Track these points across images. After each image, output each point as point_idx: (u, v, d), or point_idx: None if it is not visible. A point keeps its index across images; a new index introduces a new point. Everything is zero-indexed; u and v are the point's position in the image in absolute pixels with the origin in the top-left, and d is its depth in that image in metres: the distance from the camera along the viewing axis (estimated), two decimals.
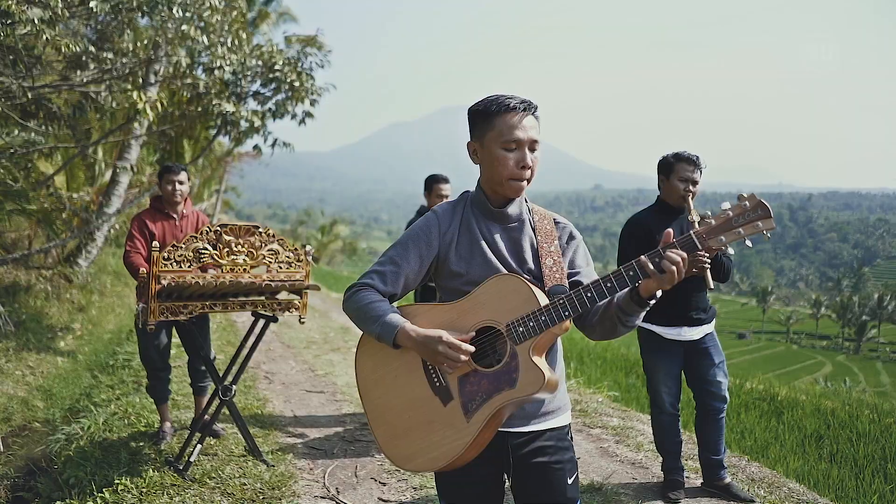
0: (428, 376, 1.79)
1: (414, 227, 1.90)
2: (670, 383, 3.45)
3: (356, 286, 1.87)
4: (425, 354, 1.75)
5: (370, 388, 1.88)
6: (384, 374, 1.85)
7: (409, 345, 1.75)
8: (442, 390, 1.77)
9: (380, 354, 1.85)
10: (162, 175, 4.23)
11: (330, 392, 5.70)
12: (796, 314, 78.98)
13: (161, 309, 3.55)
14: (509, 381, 1.69)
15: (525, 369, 1.68)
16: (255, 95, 8.88)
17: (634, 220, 3.49)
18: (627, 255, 3.32)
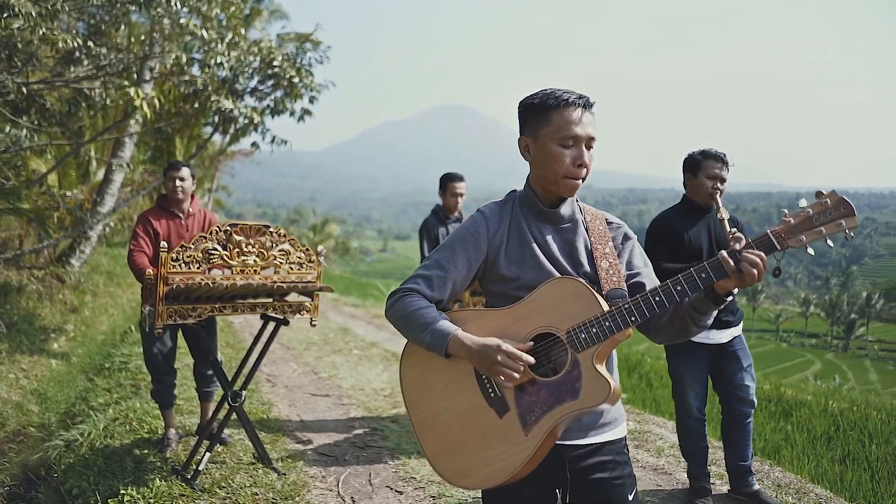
0: (481, 386, 1.67)
1: (460, 229, 1.78)
2: (698, 387, 3.34)
3: (401, 292, 1.75)
4: (480, 364, 1.63)
5: (417, 400, 1.75)
6: (432, 384, 1.73)
7: (463, 354, 1.63)
8: (497, 401, 1.65)
9: (427, 364, 1.73)
10: (166, 173, 4.09)
11: (336, 395, 5.56)
12: (785, 312, 79.53)
13: (169, 312, 3.40)
14: (571, 392, 1.57)
15: (589, 379, 1.56)
16: (252, 92, 8.72)
17: (660, 219, 3.38)
18: (655, 255, 3.20)
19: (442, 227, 4.87)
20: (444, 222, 4.90)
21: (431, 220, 4.89)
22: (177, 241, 4.07)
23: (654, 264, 3.21)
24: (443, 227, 4.87)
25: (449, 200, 4.86)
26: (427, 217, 4.94)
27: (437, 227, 4.86)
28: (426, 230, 4.84)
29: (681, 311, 1.64)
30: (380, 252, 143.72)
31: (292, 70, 8.31)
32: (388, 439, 4.36)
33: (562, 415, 1.57)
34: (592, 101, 1.70)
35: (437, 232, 4.84)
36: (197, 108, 8.48)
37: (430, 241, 4.81)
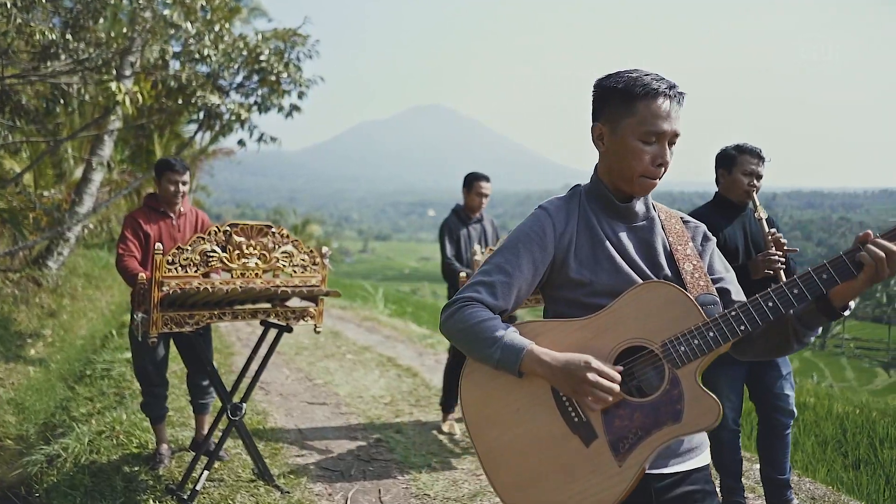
0: (562, 409, 1.44)
1: (523, 228, 1.56)
2: (734, 397, 3.15)
3: (459, 302, 1.52)
4: (564, 385, 1.40)
5: (483, 427, 1.50)
6: (501, 407, 1.48)
7: (541, 372, 1.41)
8: (582, 427, 1.42)
9: (493, 383, 1.49)
10: (161, 173, 3.80)
11: (333, 404, 5.30)
12: None
13: (164, 319, 3.14)
14: (672, 414, 1.36)
15: (693, 398, 1.35)
16: (238, 87, 8.41)
17: (693, 216, 3.18)
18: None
19: (464, 228, 4.68)
20: (467, 223, 4.70)
21: (453, 220, 4.69)
22: (168, 243, 3.80)
23: None
24: (465, 228, 4.68)
25: (473, 200, 4.67)
26: (447, 217, 4.73)
27: (458, 227, 4.66)
28: (448, 231, 4.64)
29: (782, 324, 1.43)
30: (360, 253, 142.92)
31: (280, 65, 8.02)
32: (395, 451, 4.13)
33: (661, 441, 1.36)
34: (683, 91, 1.50)
35: (458, 233, 4.65)
36: (181, 104, 8.15)
37: (452, 242, 4.60)
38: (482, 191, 4.68)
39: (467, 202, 4.72)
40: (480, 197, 4.68)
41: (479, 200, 4.68)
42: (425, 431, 4.56)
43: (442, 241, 4.63)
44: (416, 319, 12.27)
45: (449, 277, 4.60)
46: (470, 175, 4.76)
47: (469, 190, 4.69)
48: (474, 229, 4.73)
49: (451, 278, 4.55)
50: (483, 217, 4.81)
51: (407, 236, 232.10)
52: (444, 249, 4.61)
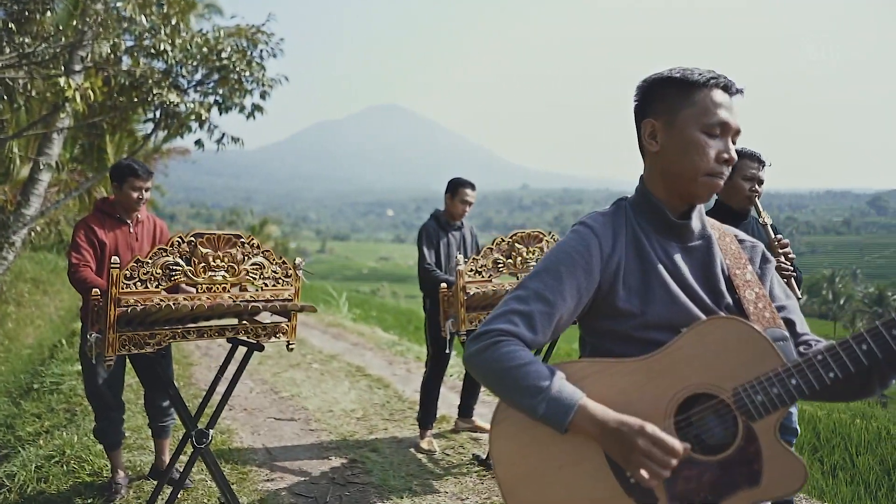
0: (615, 467, 1.22)
1: (565, 249, 1.33)
2: None
3: (491, 335, 1.27)
4: (615, 450, 1.19)
5: (518, 485, 1.26)
6: (540, 463, 1.25)
7: (592, 431, 1.19)
8: (638, 490, 1.21)
9: (530, 434, 1.26)
10: (124, 178, 3.47)
11: (302, 419, 5.03)
12: None
13: (122, 340, 2.84)
14: (749, 476, 1.16)
15: (772, 458, 1.16)
16: (198, 86, 8.03)
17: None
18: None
19: (444, 236, 4.46)
20: (447, 230, 4.49)
21: (432, 226, 4.46)
22: (125, 253, 3.50)
23: None
24: (445, 236, 4.46)
25: (457, 207, 4.46)
26: (427, 222, 4.51)
27: (438, 233, 4.44)
28: (426, 237, 4.41)
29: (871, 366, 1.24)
30: (318, 253, 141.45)
31: (243, 63, 7.68)
32: (372, 473, 3.89)
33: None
34: (742, 88, 1.32)
35: (438, 239, 4.42)
36: (136, 102, 7.73)
37: (431, 248, 4.38)
38: (467, 198, 4.48)
39: (450, 208, 4.51)
40: (464, 204, 4.49)
41: (462, 208, 4.49)
42: (402, 449, 4.33)
43: (420, 248, 4.42)
44: (380, 323, 12.02)
45: (427, 285, 4.39)
46: (455, 181, 4.55)
47: (453, 196, 4.49)
48: (454, 237, 4.53)
49: (430, 286, 4.34)
50: (464, 224, 4.60)
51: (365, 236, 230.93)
52: (422, 256, 4.39)
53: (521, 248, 3.82)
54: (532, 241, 3.87)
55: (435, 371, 4.47)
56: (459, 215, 4.50)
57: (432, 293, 4.40)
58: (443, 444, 4.42)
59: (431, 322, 4.46)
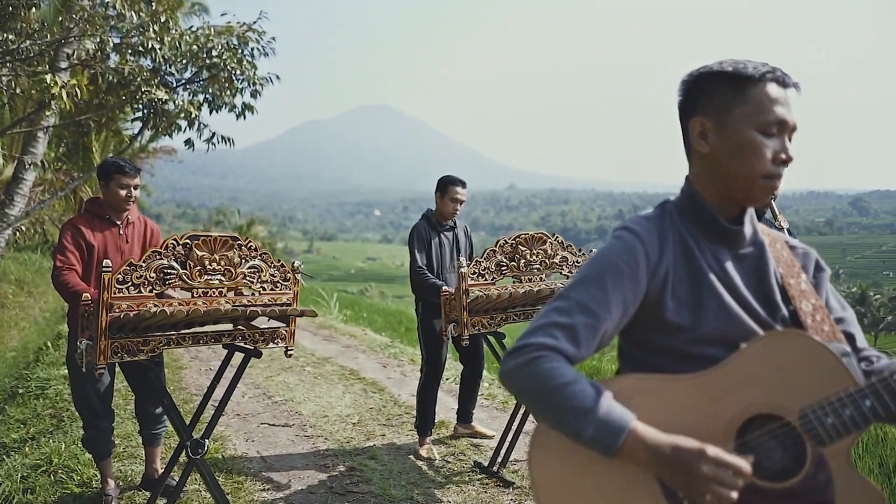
0: (669, 496, 1.12)
1: (609, 256, 1.22)
2: None
3: (531, 349, 1.16)
4: (673, 478, 1.08)
5: None
6: (585, 490, 1.14)
7: (644, 456, 1.08)
8: None
9: (573, 458, 1.15)
10: (110, 176, 3.34)
11: (297, 425, 4.91)
12: None
13: (114, 347, 2.72)
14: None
15: (845, 486, 1.07)
16: (187, 84, 7.88)
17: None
18: None
19: (436, 236, 4.34)
20: (438, 230, 4.36)
21: (423, 227, 4.34)
22: (114, 255, 3.36)
23: None
24: (436, 236, 4.34)
25: (447, 206, 4.33)
26: (418, 223, 4.38)
27: (430, 234, 4.32)
28: (418, 238, 4.29)
29: None
30: (305, 253, 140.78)
31: (233, 61, 7.54)
32: (372, 482, 3.78)
33: None
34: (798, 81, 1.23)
35: (430, 241, 4.30)
36: (124, 100, 7.57)
37: (422, 250, 4.26)
38: (457, 196, 4.35)
39: (440, 208, 4.39)
40: (455, 203, 4.36)
41: (453, 207, 4.36)
42: (401, 456, 4.22)
43: (412, 249, 4.30)
44: (370, 324, 11.90)
45: (419, 289, 4.28)
46: (444, 179, 4.42)
47: (443, 195, 4.36)
48: (446, 237, 4.40)
49: (422, 290, 4.23)
50: (456, 224, 4.48)
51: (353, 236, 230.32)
52: (413, 259, 4.28)
53: (524, 251, 3.73)
54: (535, 243, 3.78)
55: (431, 376, 4.36)
56: (451, 214, 4.38)
57: (424, 296, 4.29)
58: (443, 450, 4.32)
59: (425, 326, 4.35)
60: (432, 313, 4.28)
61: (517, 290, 3.59)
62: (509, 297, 3.55)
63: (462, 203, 4.38)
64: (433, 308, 4.26)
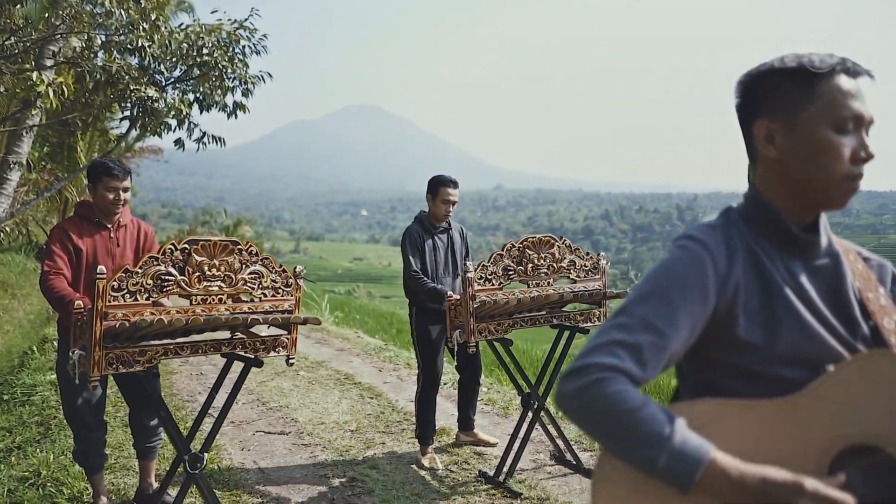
0: None
1: (675, 269, 1.11)
2: None
3: (592, 371, 1.04)
4: None
5: None
6: None
7: (725, 491, 0.97)
8: None
9: (645, 491, 1.03)
10: (98, 178, 3.19)
11: (294, 433, 4.78)
12: None
13: (108, 358, 2.59)
14: None
15: None
16: (177, 82, 7.71)
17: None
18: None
19: (429, 239, 4.21)
20: (432, 232, 4.23)
21: (416, 230, 4.21)
22: (104, 260, 3.22)
23: None
24: (430, 238, 4.21)
25: (439, 208, 4.20)
26: (411, 225, 4.25)
27: (423, 237, 4.19)
28: (410, 242, 4.15)
29: None
30: (291, 253, 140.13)
31: (225, 59, 7.38)
32: (374, 493, 3.66)
33: None
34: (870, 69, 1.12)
35: (423, 244, 4.17)
36: (111, 98, 7.39)
37: (416, 254, 4.13)
38: (449, 197, 4.19)
39: (432, 210, 4.25)
40: (447, 204, 4.21)
41: (445, 208, 4.21)
42: (403, 466, 4.10)
43: (405, 254, 4.15)
44: (361, 326, 11.78)
45: (416, 294, 4.15)
46: (435, 180, 4.26)
47: (434, 196, 4.21)
48: (440, 239, 4.26)
49: (420, 295, 4.11)
50: (451, 225, 4.35)
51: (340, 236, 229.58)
52: (407, 262, 4.12)
53: (531, 255, 3.63)
54: (543, 246, 3.68)
55: (428, 384, 4.23)
56: (443, 216, 4.25)
57: (419, 301, 4.17)
58: (445, 459, 4.21)
59: (419, 331, 4.21)
60: (427, 318, 4.16)
61: (526, 296, 3.49)
62: (518, 302, 3.45)
63: (454, 204, 4.25)
64: (428, 313, 4.13)
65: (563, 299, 3.56)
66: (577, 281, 3.78)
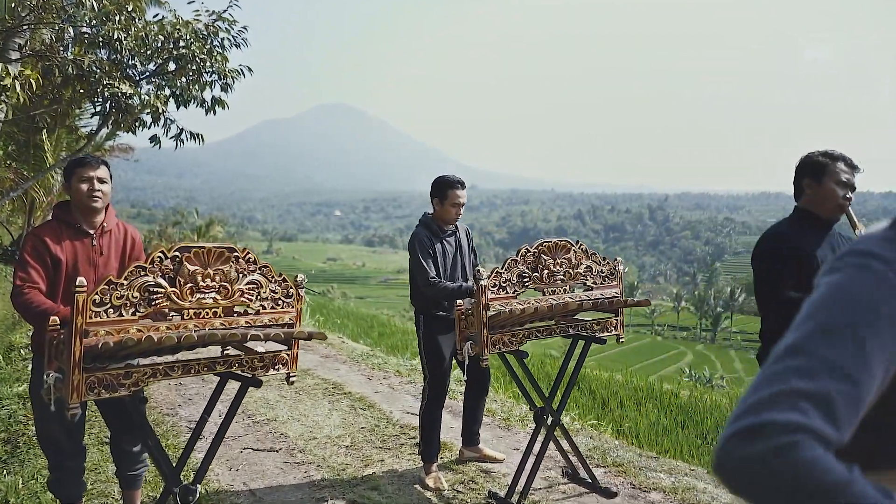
0: None
1: (857, 294, 0.86)
2: None
3: (776, 430, 0.78)
4: None
5: None
6: None
7: None
8: None
9: None
10: (72, 171, 2.88)
11: (284, 449, 4.48)
12: (659, 307, 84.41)
13: (90, 381, 2.28)
14: None
15: None
16: (152, 77, 7.34)
17: (779, 235, 2.64)
18: (781, 282, 2.47)
19: (438, 243, 3.93)
20: (441, 236, 3.96)
21: (424, 234, 3.92)
22: (86, 269, 2.89)
23: (776, 294, 2.48)
24: (439, 242, 3.94)
25: (448, 211, 3.92)
26: (417, 230, 3.96)
27: (432, 242, 3.91)
28: (421, 247, 3.85)
29: None
30: (264, 254, 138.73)
31: (203, 52, 7.04)
32: None
33: None
34: None
35: (434, 249, 3.90)
36: (82, 94, 7.00)
37: (428, 258, 3.85)
38: (458, 200, 3.92)
39: (441, 214, 3.96)
40: (457, 207, 3.92)
41: (455, 211, 3.93)
42: (406, 486, 3.83)
43: (419, 260, 3.82)
44: (342, 330, 11.47)
45: (428, 301, 3.89)
46: (442, 182, 3.96)
47: (442, 200, 3.93)
48: (449, 243, 3.99)
49: (443, 300, 3.82)
50: (458, 227, 4.09)
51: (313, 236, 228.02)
52: (422, 269, 3.81)
53: (547, 261, 3.38)
54: (559, 251, 3.43)
55: (435, 398, 3.96)
56: (453, 219, 3.97)
57: (426, 309, 3.91)
58: (451, 478, 3.95)
59: (428, 342, 3.93)
60: (436, 328, 3.90)
61: (543, 304, 3.24)
62: (534, 311, 3.20)
63: (463, 206, 3.98)
64: (437, 322, 3.87)
65: (583, 307, 3.32)
66: (594, 287, 3.55)
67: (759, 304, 2.56)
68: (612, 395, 6.77)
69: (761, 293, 2.57)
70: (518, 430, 4.92)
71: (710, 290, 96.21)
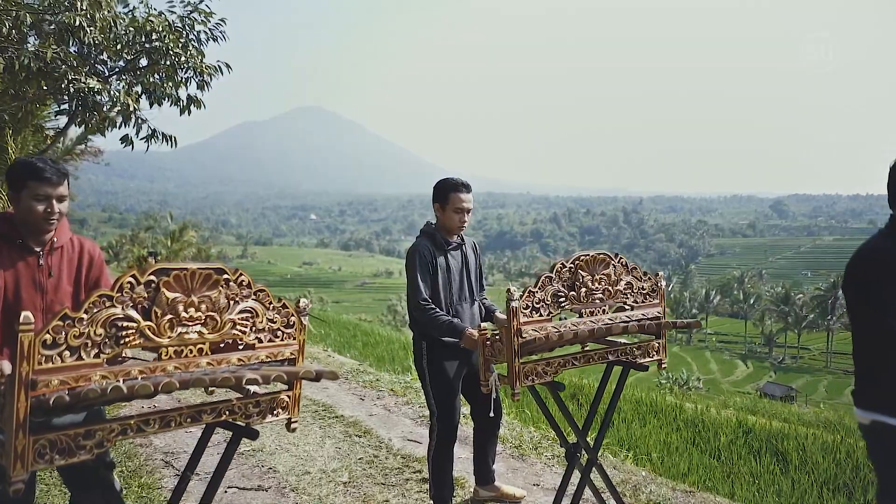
0: None
1: None
2: None
3: None
4: None
5: None
6: None
7: None
8: None
9: None
10: (23, 183, 2.34)
11: (275, 487, 3.97)
12: None
13: (39, 447, 1.77)
14: None
15: None
16: (122, 73, 6.78)
17: (876, 249, 2.21)
18: (879, 298, 2.07)
19: (441, 257, 3.44)
20: (445, 249, 3.47)
21: (425, 247, 3.42)
22: (31, 296, 2.37)
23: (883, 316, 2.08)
24: (442, 257, 3.44)
25: (452, 218, 3.43)
26: (418, 241, 3.47)
27: (434, 255, 3.41)
28: (420, 262, 3.36)
29: None
30: (238, 258, 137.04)
31: (177, 46, 6.50)
32: None
33: None
34: None
35: (436, 264, 3.40)
36: (45, 90, 6.42)
37: (426, 276, 3.37)
38: (463, 204, 3.43)
39: (443, 222, 3.48)
40: (462, 213, 3.44)
41: (459, 218, 3.45)
42: None
43: (413, 277, 3.36)
44: (324, 340, 10.97)
45: (425, 328, 3.40)
46: (445, 185, 3.49)
47: (444, 205, 3.45)
48: (454, 257, 3.49)
49: (430, 330, 3.36)
50: (464, 240, 3.60)
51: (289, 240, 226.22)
52: (416, 288, 3.34)
53: (585, 277, 2.92)
54: (598, 265, 2.97)
55: (445, 436, 3.49)
56: (457, 228, 3.49)
57: (429, 335, 3.42)
58: None
59: (434, 372, 3.42)
60: (444, 354, 3.41)
61: (583, 329, 2.78)
62: (574, 336, 2.74)
63: (469, 212, 3.50)
64: (446, 351, 3.39)
65: (628, 330, 2.88)
66: (635, 307, 3.10)
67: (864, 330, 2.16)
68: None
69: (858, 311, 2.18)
70: (534, 459, 4.47)
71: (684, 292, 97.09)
